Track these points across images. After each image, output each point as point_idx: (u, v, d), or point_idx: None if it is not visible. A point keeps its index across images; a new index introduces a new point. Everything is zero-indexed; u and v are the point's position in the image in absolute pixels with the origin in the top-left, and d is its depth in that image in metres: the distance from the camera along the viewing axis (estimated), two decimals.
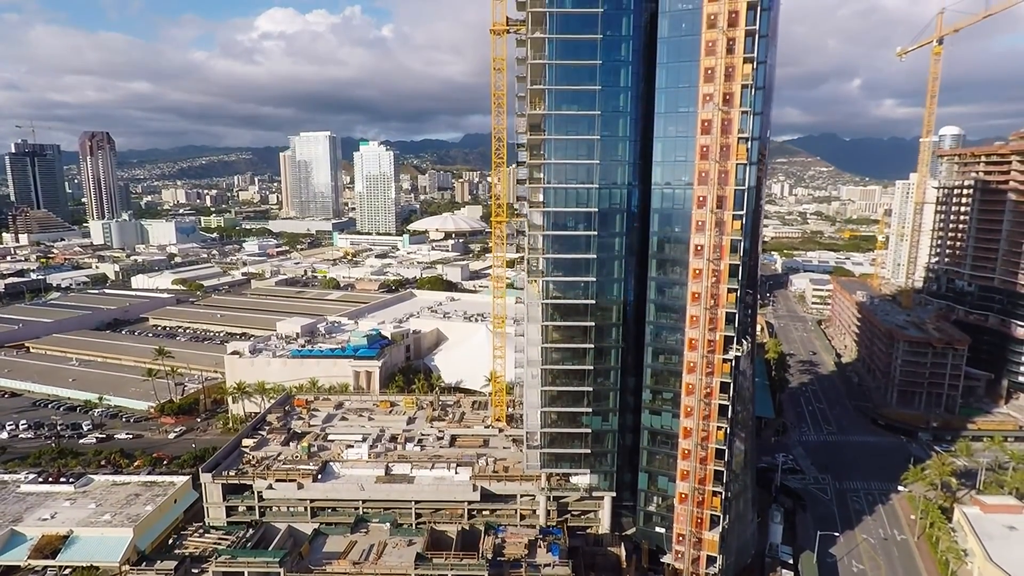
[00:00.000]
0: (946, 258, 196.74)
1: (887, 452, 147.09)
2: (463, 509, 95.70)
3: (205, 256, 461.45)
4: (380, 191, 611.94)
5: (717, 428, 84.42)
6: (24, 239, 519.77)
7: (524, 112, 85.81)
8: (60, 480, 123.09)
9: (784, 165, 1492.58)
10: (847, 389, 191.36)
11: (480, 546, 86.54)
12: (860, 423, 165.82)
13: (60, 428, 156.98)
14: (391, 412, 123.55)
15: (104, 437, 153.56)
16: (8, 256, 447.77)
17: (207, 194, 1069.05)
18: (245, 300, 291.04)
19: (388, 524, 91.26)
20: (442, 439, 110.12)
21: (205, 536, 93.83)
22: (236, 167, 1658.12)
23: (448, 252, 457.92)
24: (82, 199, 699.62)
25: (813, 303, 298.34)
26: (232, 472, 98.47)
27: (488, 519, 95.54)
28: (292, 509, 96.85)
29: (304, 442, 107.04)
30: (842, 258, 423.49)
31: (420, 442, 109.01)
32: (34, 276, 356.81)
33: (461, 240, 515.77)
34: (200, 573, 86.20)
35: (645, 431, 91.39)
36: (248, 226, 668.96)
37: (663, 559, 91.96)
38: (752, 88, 77.02)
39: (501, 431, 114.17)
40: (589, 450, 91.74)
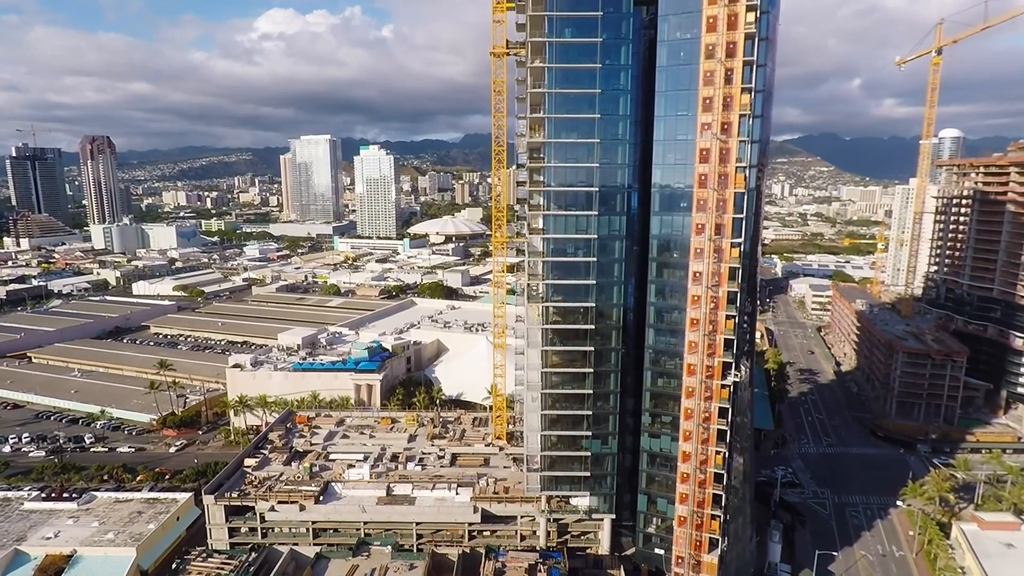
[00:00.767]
0: (945, 267, 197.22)
1: (886, 464, 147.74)
2: (464, 530, 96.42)
3: (206, 260, 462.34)
4: (380, 195, 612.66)
5: (716, 453, 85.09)
6: (25, 243, 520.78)
7: (524, 134, 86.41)
8: (63, 496, 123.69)
9: (784, 165, 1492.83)
10: (846, 399, 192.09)
11: (481, 571, 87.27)
12: (859, 434, 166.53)
13: (63, 441, 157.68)
14: (392, 429, 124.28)
15: (107, 450, 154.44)
16: (9, 261, 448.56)
17: (208, 196, 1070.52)
18: (246, 307, 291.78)
19: (389, 547, 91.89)
20: (443, 458, 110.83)
21: (208, 560, 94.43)
22: (236, 168, 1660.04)
23: (448, 256, 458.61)
24: (83, 201, 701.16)
25: (813, 309, 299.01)
26: (235, 493, 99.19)
27: (489, 540, 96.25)
28: (294, 530, 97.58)
29: (306, 462, 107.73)
30: (842, 262, 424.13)
31: (421, 461, 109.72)
32: (35, 282, 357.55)
33: (461, 244, 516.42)
34: None
35: (644, 453, 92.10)
36: (249, 229, 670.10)
37: None
38: (750, 117, 77.61)
39: (502, 449, 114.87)
40: (589, 473, 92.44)
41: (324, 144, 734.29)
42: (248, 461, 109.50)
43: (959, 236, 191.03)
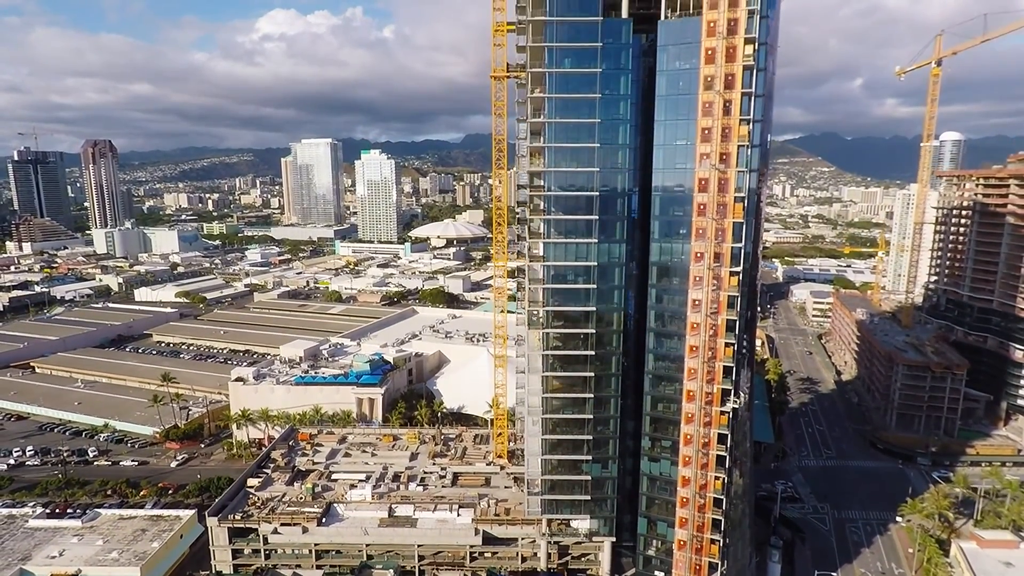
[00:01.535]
0: (945, 278, 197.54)
1: (886, 478, 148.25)
2: (465, 552, 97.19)
3: (208, 265, 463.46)
4: (382, 198, 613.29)
5: (715, 478, 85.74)
6: (27, 248, 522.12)
7: (525, 169, 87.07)
8: (67, 512, 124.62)
9: (785, 165, 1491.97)
10: (847, 410, 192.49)
11: None
12: (859, 446, 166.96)
13: (66, 455, 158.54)
14: (394, 447, 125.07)
15: (110, 464, 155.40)
16: (12, 266, 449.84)
17: (209, 198, 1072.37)
18: (248, 315, 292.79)
19: (391, 571, 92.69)
20: (444, 477, 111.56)
21: None
22: (238, 168, 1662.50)
23: (450, 261, 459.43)
24: (84, 203, 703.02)
25: (814, 316, 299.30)
26: (238, 515, 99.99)
27: (490, 562, 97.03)
28: (297, 552, 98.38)
29: (308, 482, 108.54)
30: (843, 266, 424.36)
31: (423, 481, 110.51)
32: (38, 289, 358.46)
33: (463, 248, 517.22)
34: None
35: (644, 477, 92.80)
36: (250, 233, 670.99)
37: None
38: (749, 147, 78.20)
39: (503, 468, 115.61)
40: (589, 496, 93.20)
41: (325, 147, 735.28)
42: (251, 481, 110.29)
43: (959, 247, 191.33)
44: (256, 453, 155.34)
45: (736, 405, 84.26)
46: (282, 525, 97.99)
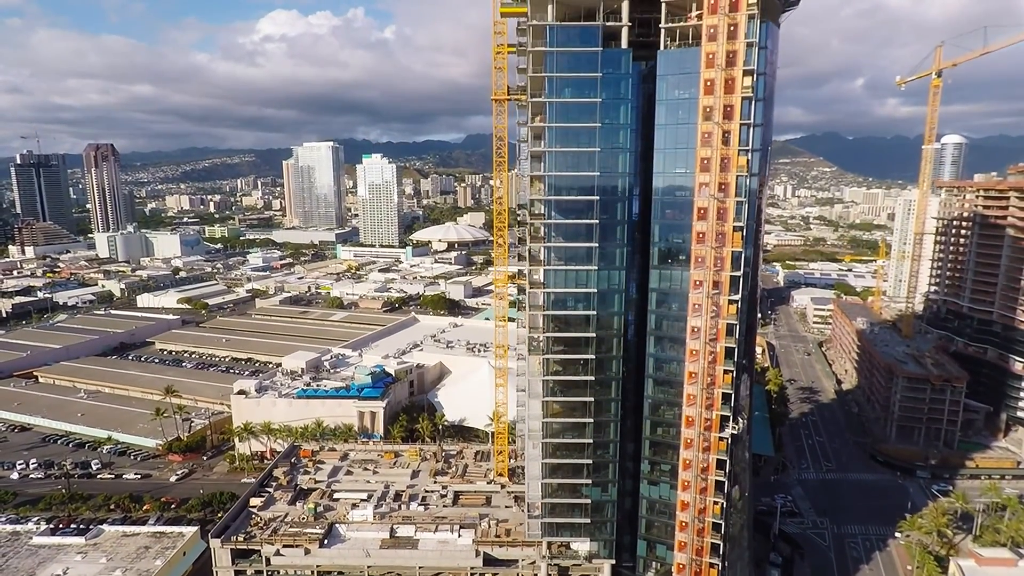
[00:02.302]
0: (945, 288, 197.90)
1: (885, 492, 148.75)
2: (466, 573, 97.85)
3: (209, 270, 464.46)
4: (383, 203, 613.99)
5: (714, 503, 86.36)
6: (30, 252, 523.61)
7: (525, 202, 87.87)
8: (71, 527, 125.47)
9: (787, 166, 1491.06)
10: (847, 420, 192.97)
11: None
12: (859, 458, 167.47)
13: (70, 468, 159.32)
14: (395, 464, 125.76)
15: (113, 477, 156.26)
16: (15, 271, 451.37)
17: (211, 200, 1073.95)
18: (250, 322, 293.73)
19: None
20: (445, 496, 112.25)
21: None
22: (239, 169, 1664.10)
23: (451, 265, 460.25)
24: (86, 205, 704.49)
25: (814, 322, 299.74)
26: (240, 536, 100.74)
27: None
28: (299, 574, 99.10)
29: (310, 502, 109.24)
30: (844, 270, 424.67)
31: (424, 500, 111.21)
32: (41, 295, 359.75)
33: (464, 252, 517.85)
34: None
35: (644, 500, 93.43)
36: (252, 236, 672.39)
37: None
38: (748, 177, 78.75)
39: (503, 487, 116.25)
40: (589, 519, 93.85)
41: (326, 150, 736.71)
42: (254, 500, 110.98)
43: (959, 257, 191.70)
44: (258, 466, 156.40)
45: (735, 431, 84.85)
46: (284, 547, 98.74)
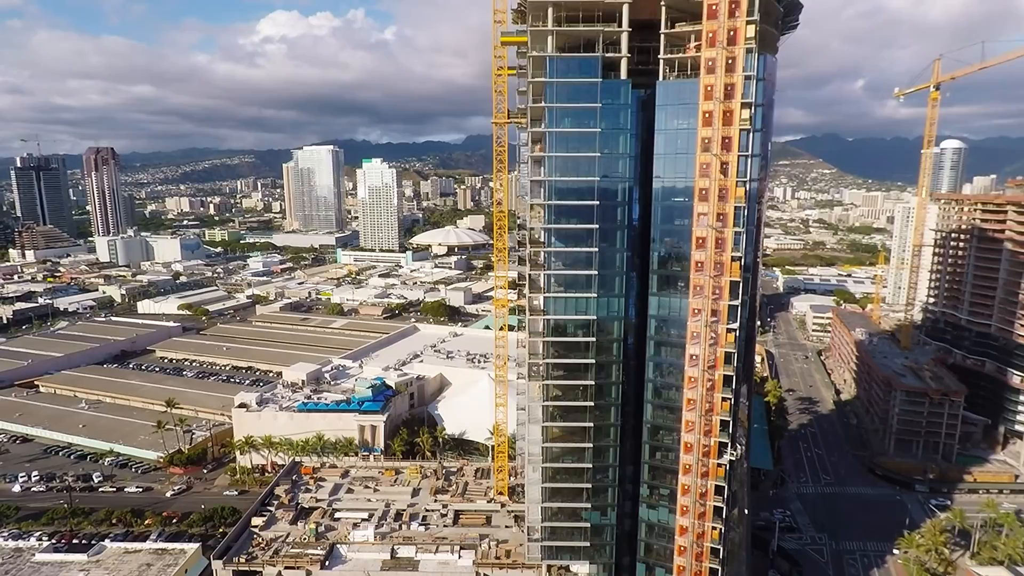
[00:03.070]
0: (944, 300, 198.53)
1: (884, 506, 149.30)
2: None
3: (210, 274, 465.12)
4: (383, 207, 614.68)
5: (712, 528, 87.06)
6: (30, 255, 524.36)
7: (524, 232, 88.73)
8: (73, 543, 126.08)
9: (787, 167, 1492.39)
10: (845, 432, 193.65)
11: None
12: (858, 471, 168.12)
13: (72, 481, 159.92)
14: (396, 482, 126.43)
15: (115, 490, 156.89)
16: (15, 275, 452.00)
17: (211, 202, 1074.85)
18: (250, 329, 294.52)
19: None
20: (445, 516, 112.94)
21: None
22: (239, 170, 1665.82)
23: (451, 270, 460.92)
24: (86, 206, 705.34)
25: (813, 330, 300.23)
26: (242, 558, 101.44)
27: None
28: None
29: (311, 522, 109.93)
30: (844, 276, 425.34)
31: (424, 520, 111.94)
32: (41, 301, 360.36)
33: (463, 257, 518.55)
34: None
35: (643, 523, 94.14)
36: (252, 239, 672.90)
37: None
38: (745, 209, 79.44)
39: (503, 506, 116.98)
40: (588, 543, 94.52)
41: (326, 154, 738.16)
42: (255, 520, 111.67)
43: (958, 270, 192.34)
44: (259, 479, 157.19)
45: (733, 458, 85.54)
46: (286, 568, 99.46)
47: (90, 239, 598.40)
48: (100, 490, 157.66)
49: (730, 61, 75.72)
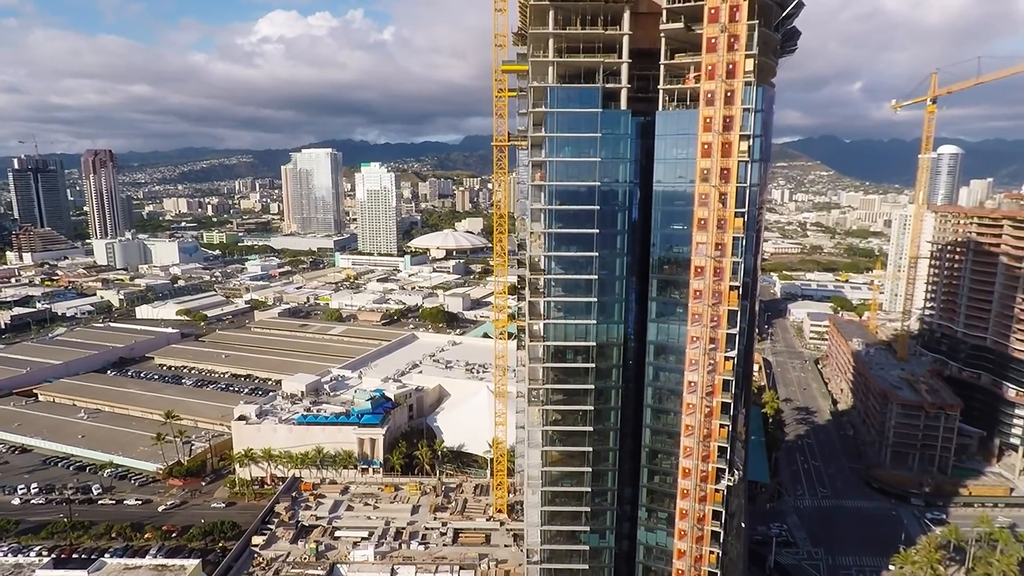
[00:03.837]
0: (940, 312, 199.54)
1: (880, 521, 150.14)
2: None
3: (208, 278, 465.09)
4: (381, 211, 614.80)
5: (710, 552, 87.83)
6: (28, 258, 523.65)
7: (524, 257, 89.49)
8: (73, 559, 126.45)
9: (785, 170, 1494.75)
10: (842, 444, 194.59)
11: None
12: (854, 484, 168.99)
13: (71, 494, 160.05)
14: (395, 498, 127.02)
15: (114, 503, 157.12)
16: (13, 278, 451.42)
17: (208, 203, 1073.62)
18: (249, 336, 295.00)
19: None
20: (445, 535, 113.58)
21: None
22: (237, 170, 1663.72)
23: (449, 275, 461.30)
24: (84, 207, 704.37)
25: (811, 338, 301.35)
26: None
27: None
28: None
29: (311, 541, 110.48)
30: (841, 282, 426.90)
31: (424, 539, 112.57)
32: (40, 305, 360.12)
33: (462, 260, 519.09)
34: None
35: (641, 546, 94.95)
36: (250, 242, 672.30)
37: None
38: (744, 239, 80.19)
39: (503, 524, 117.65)
40: (587, 565, 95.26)
41: (325, 156, 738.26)
42: (256, 539, 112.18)
43: (954, 282, 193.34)
44: (258, 491, 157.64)
45: (731, 483, 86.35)
46: None
47: (88, 241, 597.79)
48: (99, 503, 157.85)
49: (729, 94, 76.41)
